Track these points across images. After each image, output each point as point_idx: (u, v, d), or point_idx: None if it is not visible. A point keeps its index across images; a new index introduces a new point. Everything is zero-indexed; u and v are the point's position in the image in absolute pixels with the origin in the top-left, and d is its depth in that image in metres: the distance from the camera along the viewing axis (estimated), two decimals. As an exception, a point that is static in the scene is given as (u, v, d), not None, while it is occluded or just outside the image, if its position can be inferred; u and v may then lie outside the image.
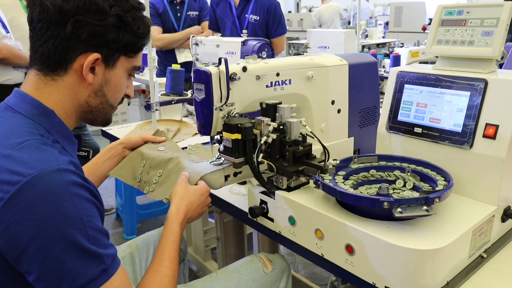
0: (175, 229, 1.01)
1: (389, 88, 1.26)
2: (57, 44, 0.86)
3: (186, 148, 1.42)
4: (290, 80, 1.26)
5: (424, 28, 5.89)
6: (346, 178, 1.09)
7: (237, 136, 1.08)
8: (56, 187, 0.74)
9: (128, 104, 4.03)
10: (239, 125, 1.08)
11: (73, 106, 0.92)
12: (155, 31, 3.22)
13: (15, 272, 0.77)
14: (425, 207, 0.90)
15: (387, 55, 3.06)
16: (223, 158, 1.18)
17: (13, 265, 0.76)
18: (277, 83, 1.24)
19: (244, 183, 1.43)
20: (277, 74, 1.23)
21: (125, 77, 0.97)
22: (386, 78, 2.54)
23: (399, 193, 1.02)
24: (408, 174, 1.08)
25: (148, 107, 1.85)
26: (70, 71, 0.88)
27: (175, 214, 1.03)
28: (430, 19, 6.68)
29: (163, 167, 1.21)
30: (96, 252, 0.77)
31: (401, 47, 3.61)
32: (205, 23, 3.34)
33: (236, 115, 1.15)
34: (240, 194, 1.39)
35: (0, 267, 0.77)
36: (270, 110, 1.14)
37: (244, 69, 1.16)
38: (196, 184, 1.12)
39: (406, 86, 1.21)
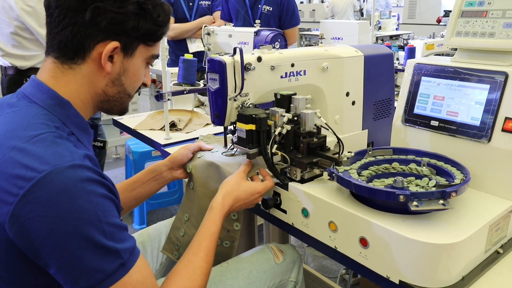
0: (217, 221, 0.99)
1: (405, 80, 1.24)
2: (75, 32, 0.84)
3: (197, 138, 1.42)
4: (305, 71, 1.25)
5: (439, 20, 5.80)
6: (360, 170, 1.08)
7: (251, 126, 1.08)
8: (71, 184, 0.73)
9: (139, 94, 4.05)
10: (254, 115, 1.07)
11: (90, 95, 0.91)
12: None
13: (33, 265, 0.77)
14: (441, 201, 0.89)
15: (401, 47, 3.01)
16: (235, 149, 1.17)
17: (32, 259, 0.76)
18: (291, 74, 1.22)
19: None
20: (292, 65, 1.22)
21: (143, 66, 0.95)
22: (401, 70, 2.52)
23: (414, 185, 1.01)
24: (424, 167, 1.07)
25: (159, 96, 1.85)
26: (88, 60, 0.87)
27: (220, 205, 1.02)
28: (445, 11, 6.58)
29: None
30: (113, 247, 0.76)
31: (412, 39, 3.56)
32: (217, 13, 3.32)
33: (250, 105, 1.15)
34: (252, 185, 1.38)
35: (17, 261, 0.77)
36: (284, 101, 1.13)
37: (259, 59, 1.15)
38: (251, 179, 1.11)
39: (423, 78, 1.19)
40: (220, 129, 1.23)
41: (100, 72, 0.89)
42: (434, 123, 1.15)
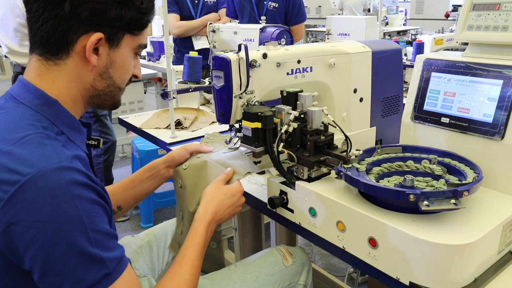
0: (200, 231, 0.98)
1: (415, 76, 1.21)
2: (56, 26, 0.80)
3: (203, 136, 1.40)
4: (311, 67, 1.23)
5: (447, 15, 5.71)
6: (369, 169, 1.05)
7: (257, 125, 1.06)
8: (56, 187, 0.71)
9: (145, 93, 4.03)
10: (259, 113, 1.05)
11: (79, 91, 0.87)
12: (173, 18, 3.19)
13: (22, 270, 0.75)
14: (453, 201, 0.86)
15: (409, 43, 2.97)
16: (239, 143, 1.15)
17: (18, 264, 0.74)
18: (298, 71, 1.20)
19: (262, 172, 1.41)
20: (298, 61, 1.19)
21: (131, 56, 0.91)
22: (409, 66, 2.48)
23: (425, 184, 0.99)
24: (435, 165, 1.04)
25: (164, 95, 1.83)
26: (73, 54, 0.83)
27: (202, 215, 1.01)
28: (454, 6, 6.49)
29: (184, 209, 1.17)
30: (98, 256, 0.73)
31: (420, 35, 3.51)
32: (223, 10, 3.30)
33: (256, 103, 1.13)
34: (258, 184, 1.37)
35: (7, 265, 0.76)
36: (291, 98, 1.11)
37: (265, 56, 1.12)
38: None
39: (433, 74, 1.16)
40: (226, 127, 1.22)
41: (86, 66, 0.85)
42: (444, 120, 1.12)
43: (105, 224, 0.77)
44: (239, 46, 1.08)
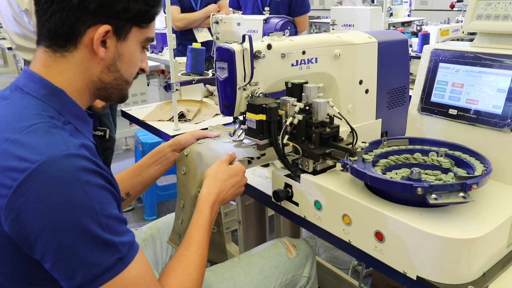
0: (205, 212, 0.97)
1: (422, 67, 1.19)
2: (64, 17, 0.80)
3: (207, 129, 1.39)
4: (316, 58, 1.20)
5: (452, 6, 5.65)
6: (376, 161, 1.04)
7: (262, 117, 1.04)
8: (65, 174, 0.71)
9: (148, 85, 4.01)
10: (264, 105, 1.03)
11: (85, 83, 0.87)
12: (175, 10, 3.16)
13: (31, 260, 0.75)
14: (461, 194, 0.85)
15: (414, 34, 2.93)
16: (243, 135, 1.14)
17: (27, 253, 0.74)
18: (303, 62, 1.18)
19: (267, 165, 1.40)
20: (303, 52, 1.17)
21: (138, 49, 0.91)
22: (414, 57, 2.45)
23: (433, 177, 0.97)
24: (442, 158, 1.02)
25: (167, 87, 1.82)
26: (80, 46, 0.83)
27: (205, 196, 1.00)
28: (459, -4, 6.41)
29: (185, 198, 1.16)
30: (111, 240, 0.74)
31: (425, 25, 3.46)
32: (222, 2, 3.26)
33: (260, 95, 1.11)
34: (263, 177, 1.36)
35: (16, 255, 0.75)
36: (296, 90, 1.09)
37: (269, 46, 1.10)
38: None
39: (441, 64, 1.14)
40: (230, 119, 1.20)
41: (93, 58, 0.85)
42: (452, 111, 1.10)
43: (115, 209, 0.77)
44: (243, 36, 1.06)
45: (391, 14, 4.45)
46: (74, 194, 0.71)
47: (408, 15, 5.71)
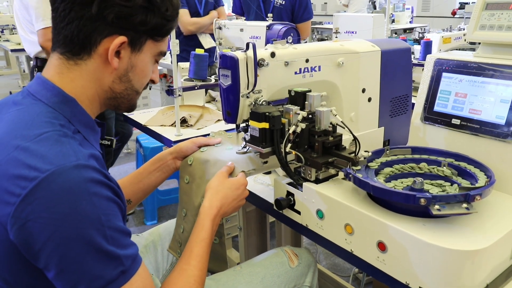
0: (206, 226, 0.97)
1: (425, 76, 1.19)
2: (82, 26, 0.81)
3: (209, 134, 1.39)
4: (319, 66, 1.20)
5: (454, 13, 5.66)
6: (378, 171, 1.04)
7: (265, 125, 1.04)
8: (74, 184, 0.71)
9: (150, 89, 4.02)
10: (267, 113, 1.03)
11: (96, 92, 0.88)
12: (186, 14, 3.11)
13: (35, 268, 0.75)
14: (465, 205, 0.84)
15: (416, 41, 2.94)
16: (248, 147, 1.14)
17: (31, 261, 0.74)
18: (306, 70, 1.18)
19: (269, 172, 1.40)
20: (307, 61, 1.17)
21: (151, 62, 0.92)
22: (416, 65, 2.45)
23: (435, 188, 0.97)
24: (445, 168, 1.02)
25: (170, 92, 1.82)
26: (94, 55, 0.84)
27: (207, 209, 1.00)
28: (461, 3, 6.43)
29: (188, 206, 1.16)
30: (115, 253, 0.73)
31: (427, 33, 3.47)
32: (221, 9, 3.27)
33: (263, 103, 1.11)
34: (264, 184, 1.35)
35: (19, 263, 0.75)
36: (299, 98, 1.09)
37: (273, 54, 1.11)
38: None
39: (444, 74, 1.14)
40: (232, 125, 1.20)
41: (106, 68, 0.86)
42: (455, 121, 1.10)
43: (120, 221, 0.77)
44: (247, 44, 1.06)
45: (393, 21, 4.47)
46: (82, 205, 0.71)
47: (410, 22, 5.73)
